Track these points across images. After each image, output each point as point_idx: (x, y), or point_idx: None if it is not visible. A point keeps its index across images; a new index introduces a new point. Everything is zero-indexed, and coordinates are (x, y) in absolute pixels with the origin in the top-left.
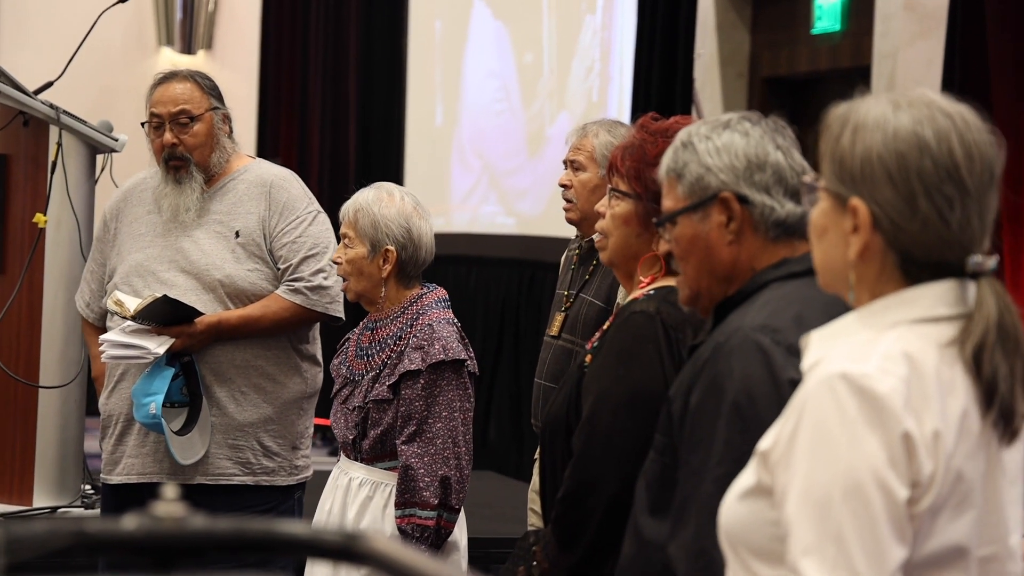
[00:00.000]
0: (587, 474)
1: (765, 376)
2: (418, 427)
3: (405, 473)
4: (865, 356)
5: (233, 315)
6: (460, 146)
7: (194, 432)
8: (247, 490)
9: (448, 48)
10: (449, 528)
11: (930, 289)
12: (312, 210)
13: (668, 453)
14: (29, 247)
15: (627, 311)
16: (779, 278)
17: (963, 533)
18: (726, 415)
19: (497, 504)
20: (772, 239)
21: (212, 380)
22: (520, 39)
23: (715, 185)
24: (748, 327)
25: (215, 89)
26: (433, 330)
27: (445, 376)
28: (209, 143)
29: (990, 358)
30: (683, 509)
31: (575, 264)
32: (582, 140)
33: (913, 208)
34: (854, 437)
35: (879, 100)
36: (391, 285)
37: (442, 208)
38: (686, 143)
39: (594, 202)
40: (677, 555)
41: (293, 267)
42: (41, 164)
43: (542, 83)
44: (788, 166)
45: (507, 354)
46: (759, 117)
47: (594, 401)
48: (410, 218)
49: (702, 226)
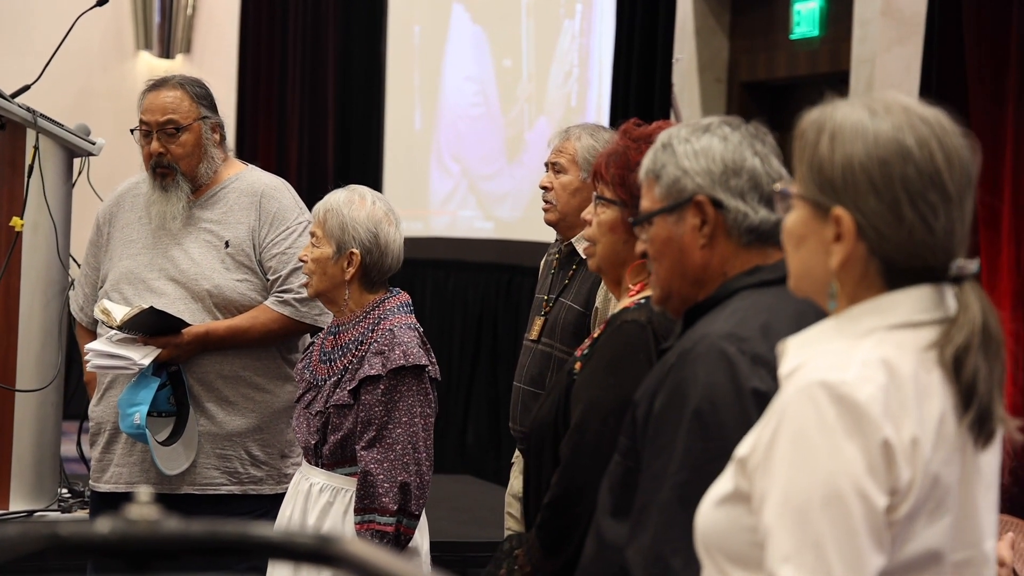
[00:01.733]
0: (574, 481)
1: (728, 385)
2: (378, 432)
3: (364, 479)
4: (844, 364)
5: (221, 326)
6: (438, 151)
7: (179, 443)
8: (233, 499)
9: (427, 52)
10: (409, 534)
11: (906, 295)
12: (303, 220)
13: (631, 456)
14: (5, 251)
15: (618, 320)
16: (750, 286)
17: (939, 538)
18: (687, 422)
19: (474, 508)
20: (745, 245)
21: (199, 390)
22: (499, 44)
23: (691, 188)
24: (715, 335)
25: (207, 97)
26: (394, 335)
27: (405, 382)
28: (196, 153)
29: (972, 361)
30: (642, 514)
31: (555, 268)
32: (564, 143)
33: (898, 216)
34: (833, 445)
35: (853, 106)
36: (354, 288)
37: (420, 212)
38: (666, 145)
39: (574, 204)
40: (634, 560)
41: (282, 279)
42: (18, 168)
43: (521, 88)
44: (765, 172)
45: (485, 358)
46: (739, 122)
47: (583, 409)
48: (379, 223)
49: (676, 228)
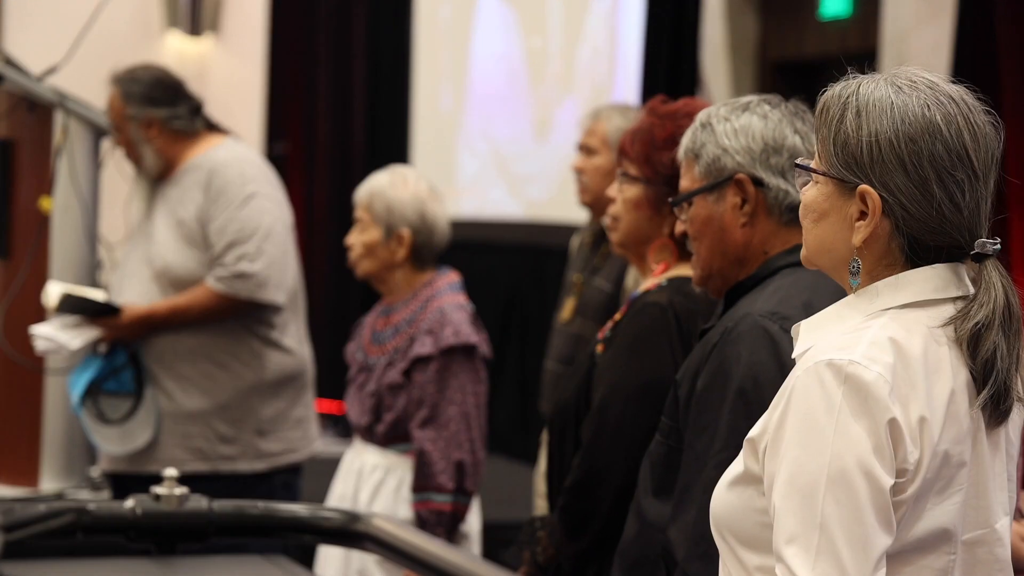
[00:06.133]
0: (596, 464)
1: (771, 363)
2: (431, 412)
3: (420, 458)
4: (852, 344)
5: (163, 306)
6: (467, 131)
7: (133, 421)
8: (208, 479)
9: (455, 32)
10: (463, 512)
11: (924, 273)
12: (245, 193)
13: (673, 436)
14: (34, 232)
15: (640, 302)
16: (791, 264)
17: (949, 517)
18: (731, 400)
19: (504, 488)
20: (785, 223)
21: (157, 369)
22: (527, 23)
23: (731, 167)
24: (757, 313)
25: (144, 95)
26: (444, 315)
27: (457, 360)
28: (132, 152)
29: (991, 338)
30: (685, 493)
31: (586, 249)
32: (595, 124)
33: (927, 194)
34: (840, 425)
35: (877, 82)
36: (405, 269)
37: (449, 193)
38: (705, 124)
39: (606, 186)
40: (677, 538)
41: (218, 254)
42: (46, 149)
43: (549, 67)
44: (805, 150)
45: (514, 340)
46: (779, 100)
47: (605, 391)
48: (425, 202)
49: (716, 207)
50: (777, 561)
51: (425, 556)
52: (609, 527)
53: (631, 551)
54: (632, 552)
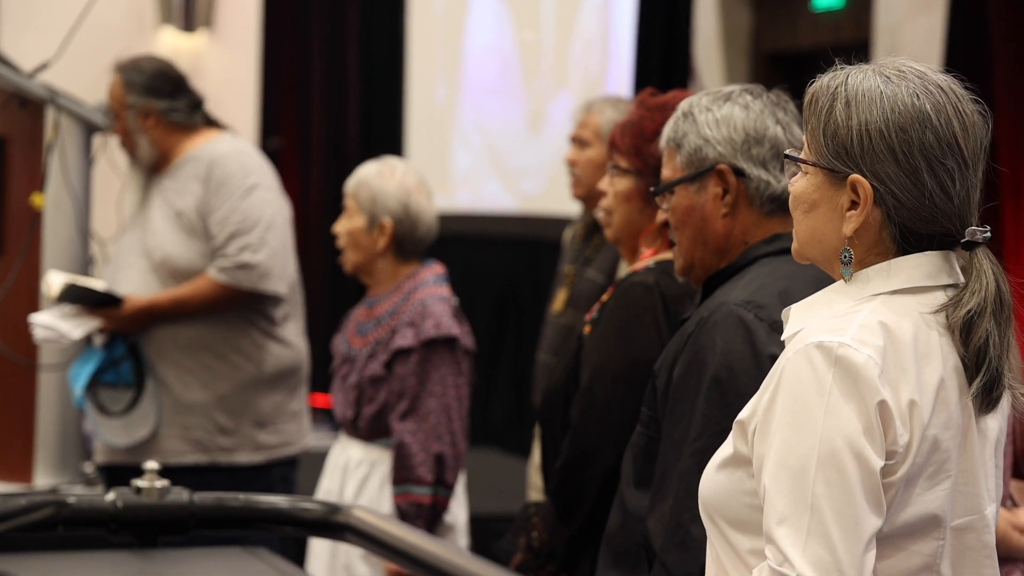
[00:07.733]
0: (584, 445)
1: (747, 352)
2: (411, 404)
3: (399, 450)
4: (842, 327)
5: (165, 297)
6: (461, 125)
7: (134, 414)
8: (206, 471)
9: (448, 26)
10: (444, 504)
11: (913, 260)
12: (247, 184)
13: (653, 426)
14: (27, 228)
15: (626, 283)
16: (769, 254)
17: (938, 503)
18: (706, 389)
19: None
20: (766, 213)
21: (157, 361)
22: (520, 17)
23: (712, 157)
24: (732, 302)
25: (145, 85)
26: (426, 307)
27: (438, 352)
28: (128, 140)
29: (984, 325)
30: (662, 482)
31: (579, 241)
32: (587, 117)
33: (918, 183)
34: (830, 407)
35: (865, 72)
36: (388, 260)
37: (443, 187)
38: (687, 113)
39: (600, 179)
40: (655, 528)
41: (220, 245)
42: (38, 145)
43: (542, 61)
44: (787, 141)
45: (509, 332)
46: (761, 91)
47: (592, 372)
48: (410, 193)
49: (698, 197)
50: (767, 542)
51: (405, 547)
52: (599, 509)
53: (615, 541)
54: (616, 543)
